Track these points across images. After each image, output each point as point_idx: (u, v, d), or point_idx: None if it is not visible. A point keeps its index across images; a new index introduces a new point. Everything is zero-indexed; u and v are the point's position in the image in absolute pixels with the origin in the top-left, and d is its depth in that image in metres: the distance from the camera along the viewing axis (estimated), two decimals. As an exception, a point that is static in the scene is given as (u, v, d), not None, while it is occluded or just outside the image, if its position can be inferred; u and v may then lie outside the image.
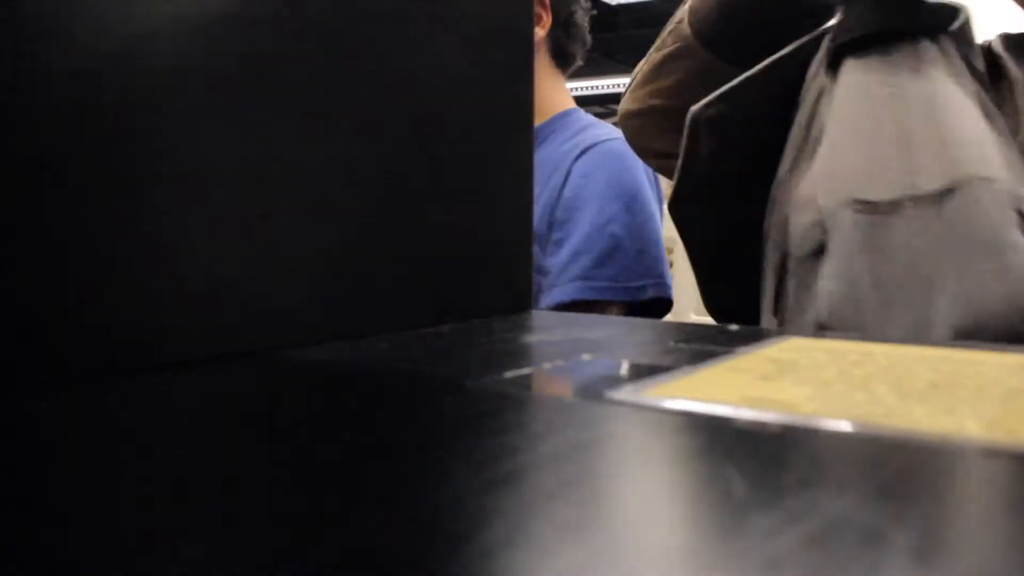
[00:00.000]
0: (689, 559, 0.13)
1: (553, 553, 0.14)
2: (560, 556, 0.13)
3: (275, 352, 0.33)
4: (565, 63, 1.21)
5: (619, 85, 6.98)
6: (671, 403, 0.24)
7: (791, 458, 0.20)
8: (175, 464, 0.19)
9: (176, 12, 0.30)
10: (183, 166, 0.30)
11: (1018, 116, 0.57)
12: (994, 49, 0.60)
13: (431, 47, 0.40)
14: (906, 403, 0.24)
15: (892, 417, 0.22)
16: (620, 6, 5.23)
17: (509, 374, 0.28)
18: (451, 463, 0.19)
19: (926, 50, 0.51)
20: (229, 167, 0.32)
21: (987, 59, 0.57)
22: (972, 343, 0.33)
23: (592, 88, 6.00)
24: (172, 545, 0.14)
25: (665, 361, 0.30)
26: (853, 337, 0.36)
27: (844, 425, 0.21)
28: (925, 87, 0.50)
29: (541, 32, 1.14)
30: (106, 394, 0.26)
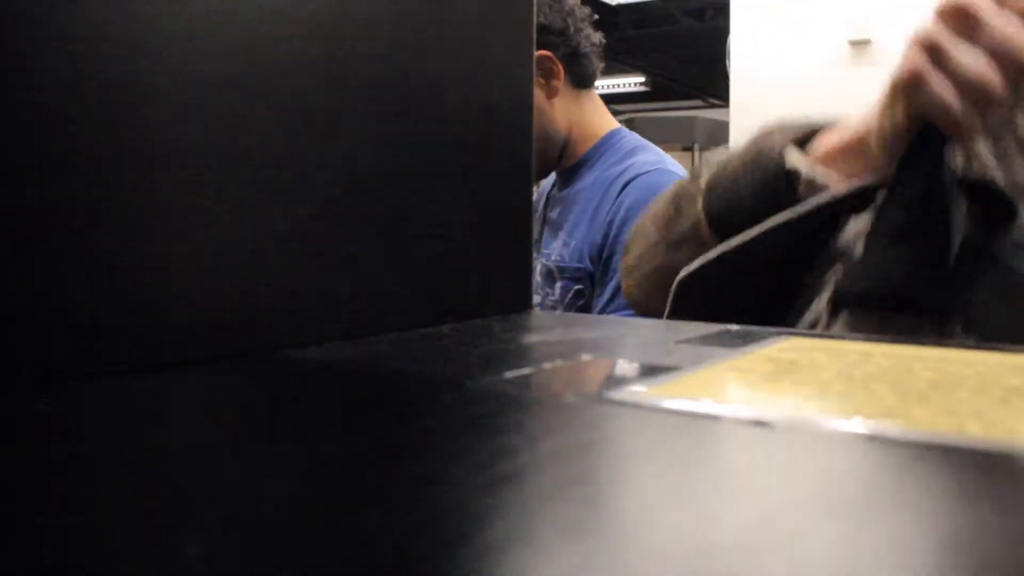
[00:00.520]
0: (689, 559, 0.13)
1: (553, 553, 0.14)
2: (560, 556, 0.13)
3: (275, 352, 0.33)
4: (591, 82, 1.24)
5: (619, 85, 6.97)
6: (671, 403, 0.24)
7: (792, 457, 0.20)
8: (175, 464, 0.19)
9: (173, 12, 0.30)
10: (183, 166, 0.30)
11: None
12: None
13: (431, 47, 0.40)
14: (906, 403, 0.24)
15: (892, 417, 0.22)
16: (620, 6, 5.23)
17: (509, 374, 0.28)
18: (451, 463, 0.19)
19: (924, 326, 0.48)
20: (229, 167, 0.32)
21: None
22: (972, 343, 0.33)
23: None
24: (172, 545, 0.14)
25: (665, 361, 0.30)
26: (853, 337, 0.36)
27: (844, 425, 0.21)
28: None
29: (558, 83, 1.17)
30: (105, 394, 0.26)
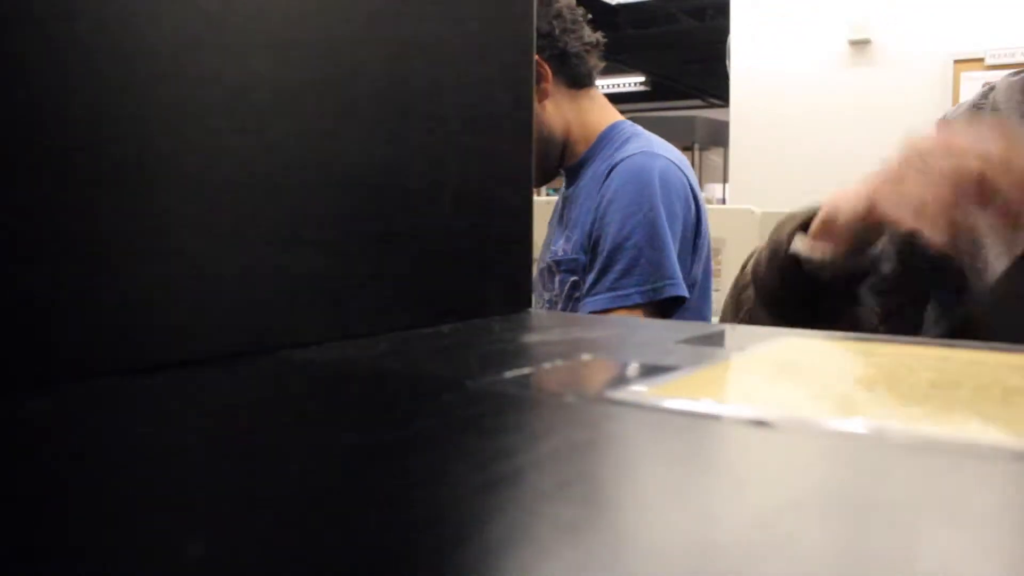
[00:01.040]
0: (689, 559, 0.13)
1: (553, 553, 0.14)
2: (560, 556, 0.13)
3: (275, 352, 0.33)
4: (589, 81, 1.23)
5: (619, 85, 6.96)
6: (671, 403, 0.23)
7: (792, 457, 0.20)
8: (175, 464, 0.19)
9: (173, 12, 0.30)
10: (183, 166, 0.30)
11: None
12: None
13: (432, 48, 0.40)
14: (906, 403, 0.24)
15: (892, 417, 0.22)
16: (620, 6, 5.23)
17: (509, 374, 0.28)
18: (451, 463, 0.19)
19: None
20: (229, 167, 0.32)
21: None
22: (972, 343, 0.33)
23: (591, 88, 5.97)
24: (172, 544, 0.14)
25: (665, 361, 0.30)
26: (853, 337, 0.36)
27: (844, 425, 0.21)
28: None
29: (547, 85, 1.17)
30: (105, 394, 0.26)
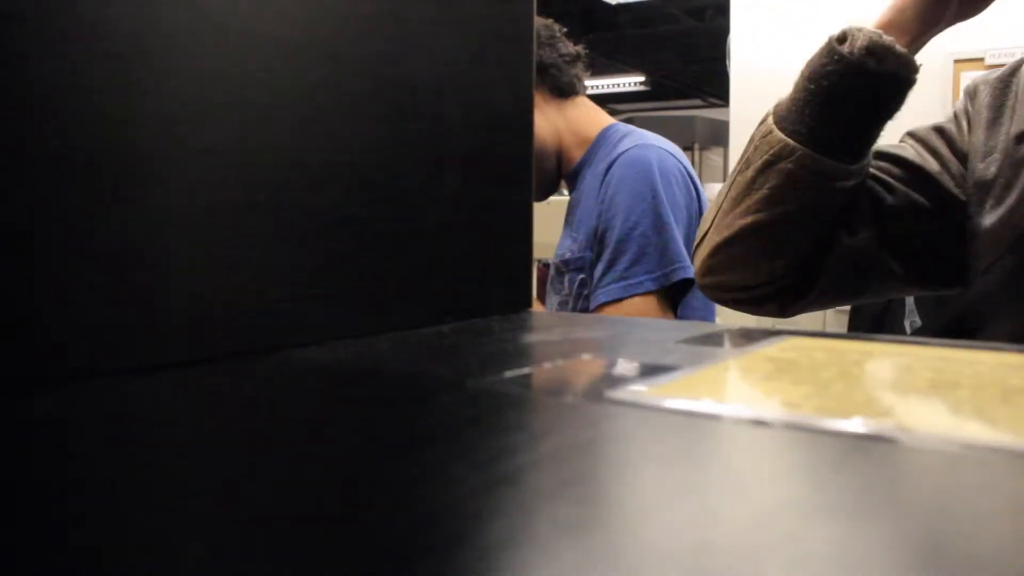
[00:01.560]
0: (689, 558, 0.13)
1: (553, 553, 0.14)
2: (560, 556, 0.13)
3: (275, 352, 0.33)
4: (573, 90, 1.24)
5: (619, 85, 6.96)
6: (671, 403, 0.24)
7: (792, 457, 0.20)
8: (175, 463, 0.19)
9: (174, 12, 0.30)
10: (183, 166, 0.30)
11: None
12: None
13: (432, 48, 0.40)
14: (906, 403, 0.24)
15: (892, 417, 0.22)
16: (620, 6, 5.22)
17: (509, 374, 0.28)
18: (451, 463, 0.19)
19: None
20: (229, 167, 0.32)
21: None
22: (972, 343, 0.33)
23: (592, 88, 5.99)
24: (172, 544, 0.14)
25: (665, 361, 0.30)
26: (853, 337, 0.36)
27: (844, 425, 0.21)
28: None
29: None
30: (105, 394, 0.26)
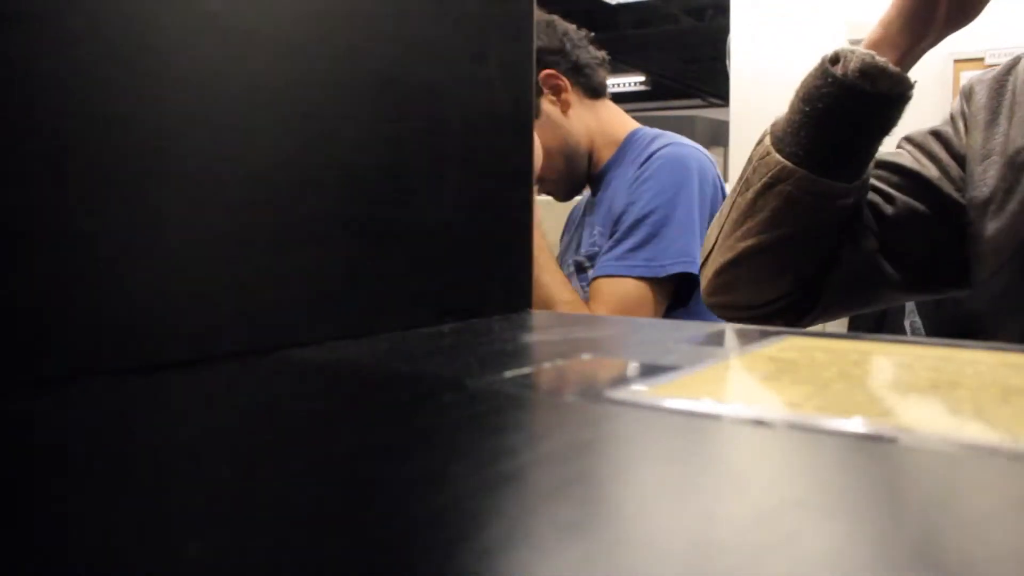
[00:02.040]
0: (689, 558, 0.13)
1: (553, 553, 0.14)
2: (560, 556, 0.13)
3: (275, 352, 0.33)
4: (605, 91, 1.28)
5: (619, 85, 6.96)
6: (671, 403, 0.24)
7: (792, 457, 0.20)
8: (174, 464, 0.19)
9: (173, 12, 0.30)
10: (183, 165, 0.30)
11: None
12: None
13: (432, 47, 0.40)
14: (906, 403, 0.24)
15: (892, 417, 0.22)
16: (620, 6, 5.23)
17: (509, 374, 0.28)
18: (451, 463, 0.19)
19: None
20: (229, 167, 0.32)
21: None
22: (972, 343, 0.33)
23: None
24: (172, 544, 0.14)
25: (665, 361, 0.30)
26: (853, 337, 0.36)
27: (844, 425, 0.21)
28: None
29: (568, 96, 1.23)
30: (105, 394, 0.26)
